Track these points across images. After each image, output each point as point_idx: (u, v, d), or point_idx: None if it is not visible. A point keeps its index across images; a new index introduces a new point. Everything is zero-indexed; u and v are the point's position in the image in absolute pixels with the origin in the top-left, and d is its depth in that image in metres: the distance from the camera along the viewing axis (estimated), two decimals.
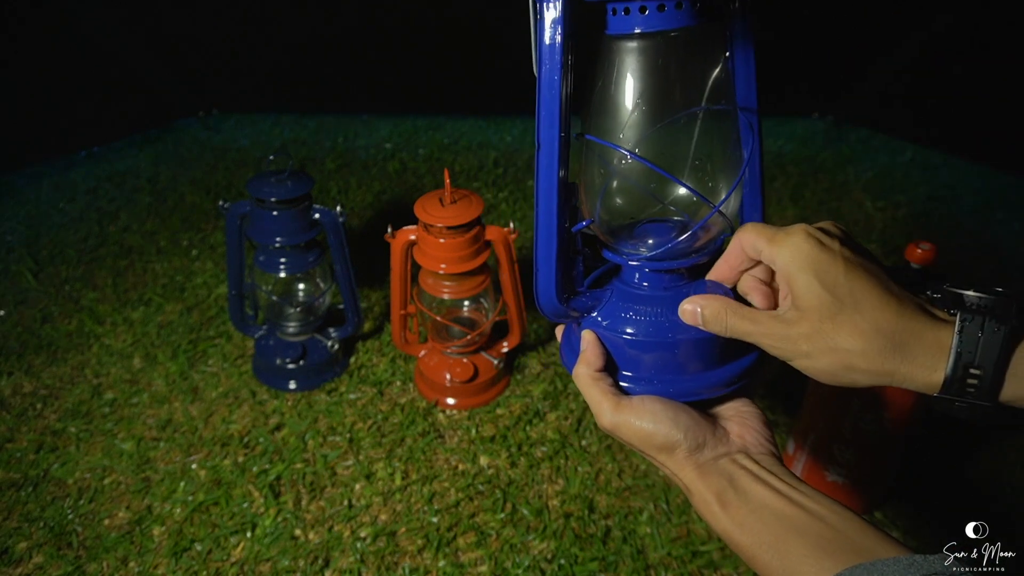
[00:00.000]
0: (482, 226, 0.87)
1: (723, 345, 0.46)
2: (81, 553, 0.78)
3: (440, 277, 0.90)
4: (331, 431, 0.93)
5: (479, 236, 0.86)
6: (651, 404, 0.45)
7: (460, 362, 0.95)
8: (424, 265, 0.88)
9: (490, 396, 0.98)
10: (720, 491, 0.42)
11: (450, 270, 0.86)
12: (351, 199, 1.52)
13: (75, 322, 1.14)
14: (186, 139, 1.81)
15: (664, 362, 0.47)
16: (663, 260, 0.47)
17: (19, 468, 0.88)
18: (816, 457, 0.80)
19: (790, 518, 0.40)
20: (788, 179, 1.59)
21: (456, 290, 0.90)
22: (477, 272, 0.90)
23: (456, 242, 0.85)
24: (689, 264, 0.48)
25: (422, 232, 0.87)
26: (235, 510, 0.83)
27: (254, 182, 0.90)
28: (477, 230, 0.86)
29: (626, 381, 0.47)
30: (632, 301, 0.48)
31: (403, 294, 0.93)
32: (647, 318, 0.47)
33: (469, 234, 0.85)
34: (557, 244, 0.46)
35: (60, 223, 1.43)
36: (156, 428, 0.94)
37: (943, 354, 0.39)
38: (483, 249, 0.88)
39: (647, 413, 0.44)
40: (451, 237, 0.84)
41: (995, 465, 0.89)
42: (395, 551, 0.78)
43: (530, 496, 0.85)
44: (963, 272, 1.29)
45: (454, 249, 0.85)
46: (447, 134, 1.80)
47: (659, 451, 0.44)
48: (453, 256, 0.85)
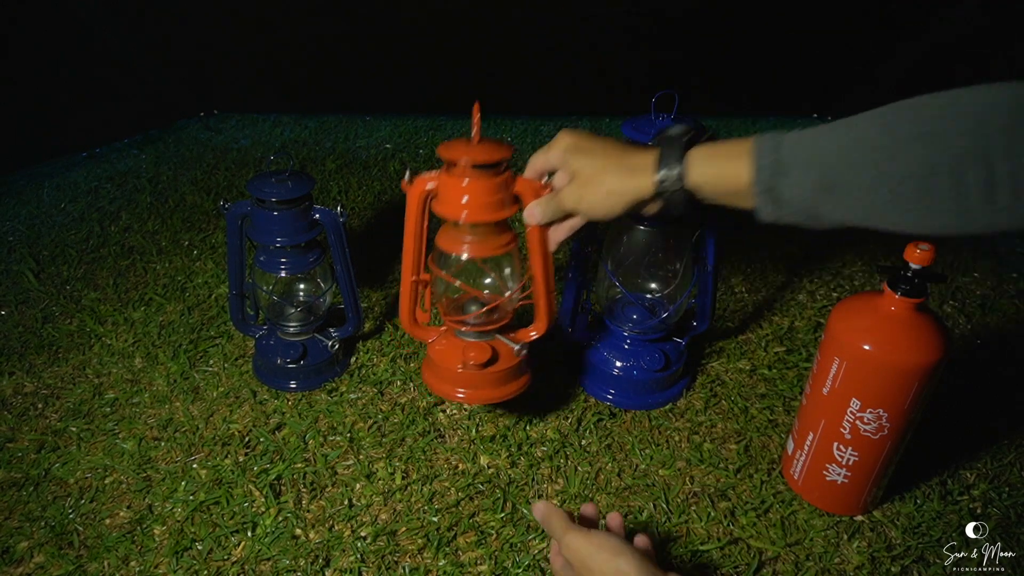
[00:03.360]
0: (512, 173, 0.74)
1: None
2: (82, 552, 0.78)
3: (460, 230, 0.76)
4: (331, 431, 0.94)
5: (508, 183, 0.73)
6: (605, 538, 0.60)
7: (477, 344, 0.81)
8: (443, 214, 0.74)
9: (509, 391, 0.82)
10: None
11: (473, 217, 0.73)
12: (351, 199, 1.52)
13: (76, 322, 1.14)
14: (187, 139, 1.82)
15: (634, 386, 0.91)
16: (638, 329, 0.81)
17: (20, 468, 0.88)
18: (816, 457, 0.80)
19: None
20: None
21: (478, 247, 0.76)
22: (503, 229, 0.77)
23: (482, 185, 0.72)
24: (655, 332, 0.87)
25: (444, 176, 0.74)
26: (236, 510, 0.83)
27: (255, 182, 0.90)
28: (507, 176, 0.73)
29: (609, 395, 0.95)
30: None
31: (417, 255, 0.78)
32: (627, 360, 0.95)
33: (498, 178, 0.72)
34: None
35: (61, 223, 1.43)
36: (157, 428, 0.94)
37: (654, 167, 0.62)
38: (511, 202, 0.74)
39: (603, 537, 0.60)
40: (477, 178, 0.72)
41: (995, 465, 0.90)
42: (395, 550, 0.79)
43: (530, 496, 0.85)
44: (963, 272, 1.29)
45: (479, 193, 0.72)
46: (447, 134, 1.80)
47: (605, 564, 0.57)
48: (478, 202, 0.72)
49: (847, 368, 0.73)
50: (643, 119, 0.89)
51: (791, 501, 0.84)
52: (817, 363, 0.78)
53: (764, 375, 1.03)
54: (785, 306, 1.18)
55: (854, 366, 0.72)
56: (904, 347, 0.70)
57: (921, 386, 0.71)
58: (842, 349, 0.73)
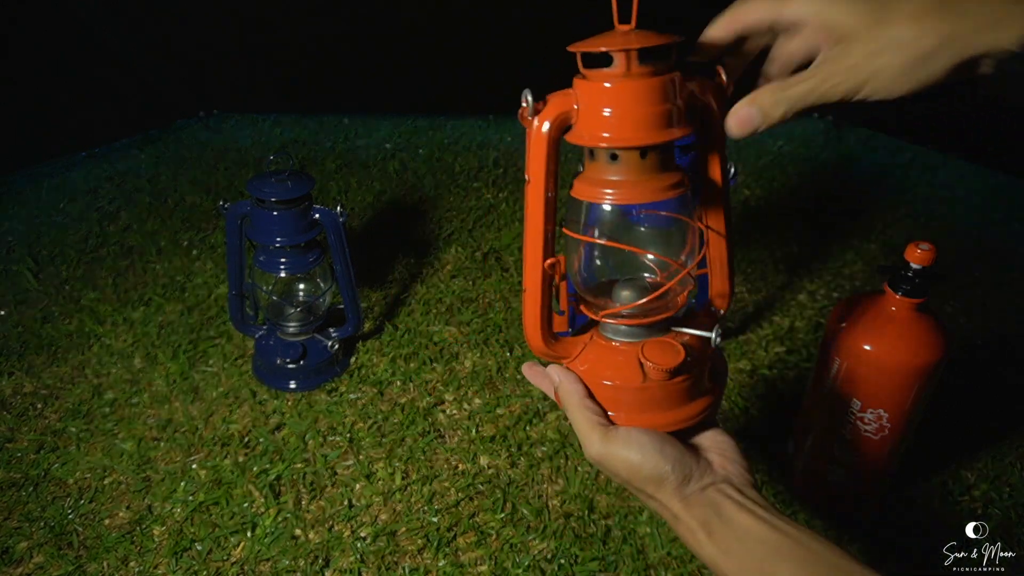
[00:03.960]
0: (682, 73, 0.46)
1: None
2: (81, 553, 0.78)
3: (609, 166, 0.46)
4: (331, 431, 0.94)
5: (679, 85, 0.45)
6: (638, 435, 0.45)
7: (656, 344, 0.49)
8: (584, 139, 0.45)
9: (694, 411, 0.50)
10: (706, 520, 0.43)
11: (633, 139, 0.44)
12: (351, 199, 1.52)
13: (75, 322, 1.14)
14: (186, 139, 1.82)
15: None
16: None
17: (20, 468, 0.88)
18: (816, 457, 0.80)
19: (774, 543, 0.40)
20: (788, 179, 1.59)
21: (635, 190, 0.45)
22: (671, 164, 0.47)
23: (646, 85, 0.43)
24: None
25: (586, 87, 0.44)
26: (235, 510, 0.83)
27: (254, 182, 0.90)
28: (677, 76, 0.45)
29: None
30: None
31: (548, 224, 0.48)
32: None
33: (665, 76, 0.44)
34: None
35: (61, 223, 1.43)
36: (156, 428, 0.94)
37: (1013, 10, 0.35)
38: (684, 120, 0.46)
39: (635, 444, 0.44)
40: (639, 77, 0.43)
41: (995, 465, 0.89)
42: (395, 551, 0.78)
43: (530, 496, 0.85)
44: (963, 272, 1.29)
45: (642, 100, 0.43)
46: (447, 134, 1.80)
47: (646, 483, 0.44)
48: (641, 113, 0.43)
49: (847, 368, 0.73)
50: None
51: (791, 502, 0.84)
52: (817, 363, 0.78)
53: (764, 375, 1.03)
54: (785, 306, 1.18)
55: (854, 366, 0.72)
56: (904, 347, 0.70)
57: (921, 386, 0.71)
58: (842, 349, 0.73)
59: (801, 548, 0.40)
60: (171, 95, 1.84)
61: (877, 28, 0.37)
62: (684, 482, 0.44)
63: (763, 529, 0.41)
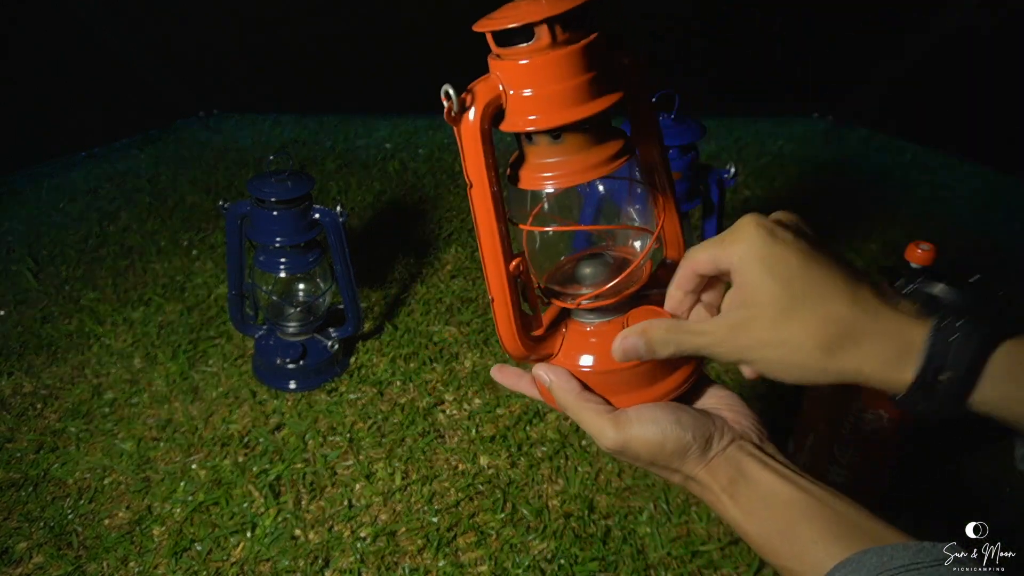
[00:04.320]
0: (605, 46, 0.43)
1: None
2: (81, 553, 0.78)
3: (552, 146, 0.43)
4: (331, 431, 0.93)
5: (602, 55, 0.42)
6: (650, 411, 0.43)
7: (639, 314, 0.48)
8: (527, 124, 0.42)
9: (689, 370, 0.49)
10: (730, 480, 0.42)
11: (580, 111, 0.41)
12: (351, 199, 1.52)
13: (75, 322, 1.14)
14: (186, 139, 1.81)
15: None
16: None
17: (19, 468, 0.88)
18: (816, 457, 0.80)
19: (798, 504, 0.40)
20: (788, 179, 1.59)
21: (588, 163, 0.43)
22: (611, 129, 0.44)
23: (578, 52, 0.40)
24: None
25: (512, 70, 0.41)
26: (235, 510, 0.83)
27: (254, 182, 0.90)
28: (595, 35, 0.41)
29: None
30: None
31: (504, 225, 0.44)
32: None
33: (591, 38, 0.41)
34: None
35: (60, 223, 1.43)
36: (156, 428, 0.94)
37: (909, 354, 0.37)
38: (615, 79, 0.43)
39: (650, 421, 0.43)
40: (567, 45, 0.40)
41: (995, 465, 0.89)
42: (395, 551, 0.78)
43: (530, 496, 0.85)
44: (965, 272, 1.29)
45: (578, 69, 0.41)
46: (447, 134, 1.80)
47: (672, 458, 0.43)
48: (579, 83, 0.41)
49: None
50: None
51: None
52: None
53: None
54: None
55: None
56: None
57: None
58: None
59: (824, 507, 0.39)
60: (171, 95, 1.84)
61: (781, 319, 0.38)
62: (707, 446, 0.43)
63: (786, 488, 0.41)
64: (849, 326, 0.37)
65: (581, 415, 0.45)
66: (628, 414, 0.44)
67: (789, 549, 0.39)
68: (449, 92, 0.41)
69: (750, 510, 0.41)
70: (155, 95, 1.80)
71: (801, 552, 0.39)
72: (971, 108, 1.56)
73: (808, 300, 0.38)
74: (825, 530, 0.38)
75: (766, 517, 0.40)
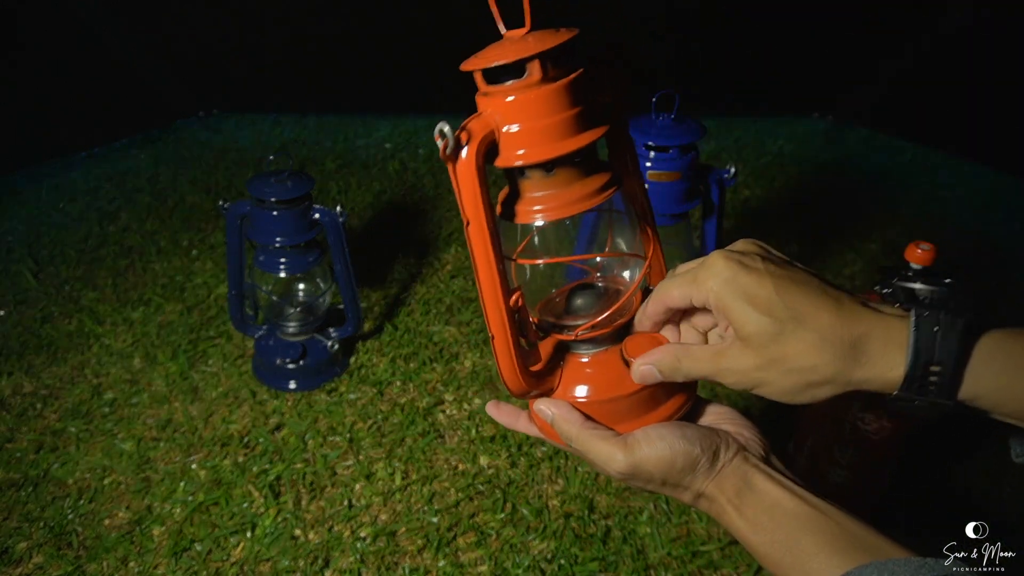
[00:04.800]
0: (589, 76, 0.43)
1: None
2: (81, 553, 0.78)
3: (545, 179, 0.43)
4: (331, 431, 0.93)
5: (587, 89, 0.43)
6: (656, 431, 0.44)
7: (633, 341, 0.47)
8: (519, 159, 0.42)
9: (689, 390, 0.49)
10: (736, 492, 0.42)
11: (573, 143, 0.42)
12: (351, 199, 1.52)
13: (75, 322, 1.14)
14: (186, 139, 1.82)
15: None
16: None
17: (19, 468, 0.88)
18: (816, 457, 0.80)
19: (802, 516, 0.40)
20: (788, 179, 1.59)
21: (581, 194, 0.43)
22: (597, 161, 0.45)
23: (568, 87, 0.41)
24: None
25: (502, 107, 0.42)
26: (235, 510, 0.83)
27: (254, 182, 0.90)
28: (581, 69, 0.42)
29: None
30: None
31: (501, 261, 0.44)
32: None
33: (578, 72, 0.42)
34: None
35: (60, 223, 1.43)
36: (156, 428, 0.94)
37: (899, 351, 0.37)
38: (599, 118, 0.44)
39: (658, 440, 0.43)
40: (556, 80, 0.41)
41: (995, 465, 0.89)
42: (395, 551, 0.78)
43: (530, 496, 0.85)
44: (963, 272, 1.29)
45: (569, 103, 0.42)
46: None
47: (683, 475, 0.43)
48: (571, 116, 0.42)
49: None
50: (644, 119, 0.89)
51: None
52: None
53: None
54: None
55: None
56: None
57: None
58: None
59: (827, 521, 0.40)
60: (171, 95, 1.84)
61: (773, 345, 0.39)
62: (714, 459, 0.43)
63: (791, 501, 0.41)
64: (848, 339, 0.38)
65: (588, 444, 0.44)
66: (635, 436, 0.44)
67: (792, 561, 0.39)
68: (444, 131, 0.41)
69: (755, 521, 0.41)
70: (155, 95, 1.80)
71: (803, 564, 0.39)
72: (971, 108, 1.56)
73: (796, 321, 0.38)
74: (827, 543, 0.39)
75: (770, 528, 0.40)
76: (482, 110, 0.43)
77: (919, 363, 0.37)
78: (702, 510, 0.45)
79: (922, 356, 0.37)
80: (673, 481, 0.43)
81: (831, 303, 0.39)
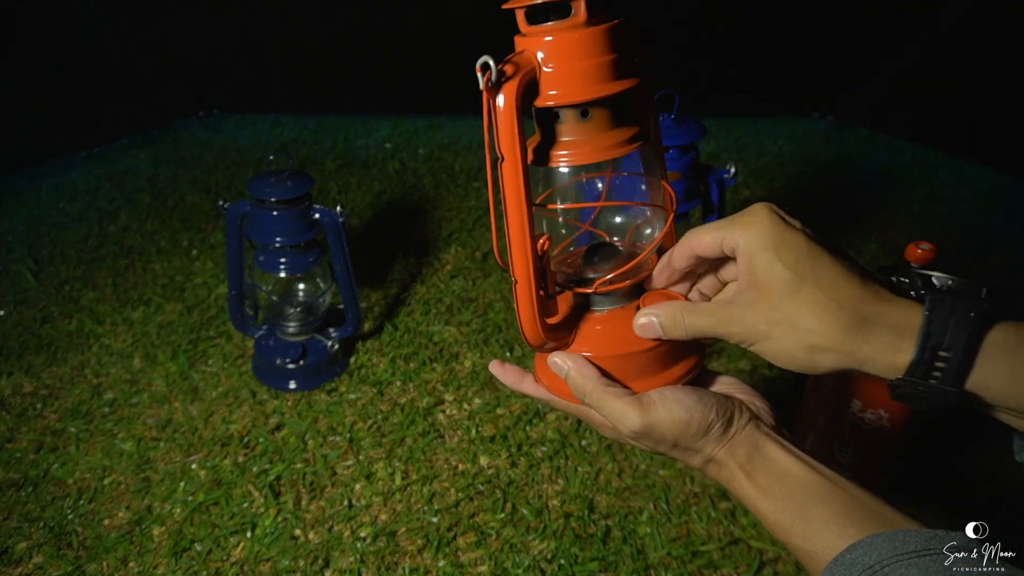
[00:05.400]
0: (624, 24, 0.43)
1: None
2: (81, 553, 0.78)
3: (579, 124, 0.43)
4: (331, 431, 0.93)
5: (624, 36, 0.43)
6: (673, 392, 0.43)
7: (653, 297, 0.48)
8: (563, 98, 0.42)
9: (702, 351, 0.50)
10: (747, 458, 0.42)
11: (613, 86, 0.42)
12: (351, 199, 1.52)
13: (75, 322, 1.14)
14: (186, 139, 1.82)
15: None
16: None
17: (19, 468, 0.88)
18: (816, 457, 0.80)
19: (813, 485, 0.40)
20: (788, 179, 1.59)
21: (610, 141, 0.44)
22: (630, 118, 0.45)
23: (609, 30, 0.42)
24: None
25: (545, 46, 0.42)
26: (235, 510, 0.83)
27: (254, 182, 0.90)
28: (622, 22, 0.43)
29: None
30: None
31: (529, 204, 0.42)
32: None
33: (619, 18, 0.43)
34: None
35: (60, 223, 1.43)
36: (156, 428, 0.94)
37: (910, 334, 0.37)
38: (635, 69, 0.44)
39: (674, 402, 0.43)
40: (599, 23, 0.41)
41: (995, 465, 0.89)
42: (395, 551, 0.78)
43: (530, 496, 0.85)
44: (963, 272, 1.29)
45: (611, 46, 0.42)
46: (447, 134, 1.80)
47: (696, 438, 0.43)
48: (612, 59, 0.42)
49: None
50: None
51: None
52: None
53: (764, 375, 1.03)
54: None
55: None
56: None
57: None
58: None
59: (838, 490, 0.40)
60: (171, 95, 1.84)
61: (788, 300, 0.39)
62: (728, 424, 0.43)
63: (802, 469, 0.41)
64: (861, 310, 0.38)
65: (602, 400, 0.44)
66: (651, 396, 0.44)
67: (802, 529, 0.39)
68: (488, 63, 0.40)
69: (766, 488, 0.41)
70: (155, 95, 1.80)
71: (814, 532, 0.39)
72: (971, 108, 1.56)
73: (816, 282, 0.38)
74: (838, 512, 0.39)
75: (781, 495, 0.41)
76: (525, 48, 0.43)
77: (928, 346, 0.36)
78: (710, 476, 0.45)
79: (932, 339, 0.36)
80: (684, 444, 0.43)
81: (856, 277, 0.39)
